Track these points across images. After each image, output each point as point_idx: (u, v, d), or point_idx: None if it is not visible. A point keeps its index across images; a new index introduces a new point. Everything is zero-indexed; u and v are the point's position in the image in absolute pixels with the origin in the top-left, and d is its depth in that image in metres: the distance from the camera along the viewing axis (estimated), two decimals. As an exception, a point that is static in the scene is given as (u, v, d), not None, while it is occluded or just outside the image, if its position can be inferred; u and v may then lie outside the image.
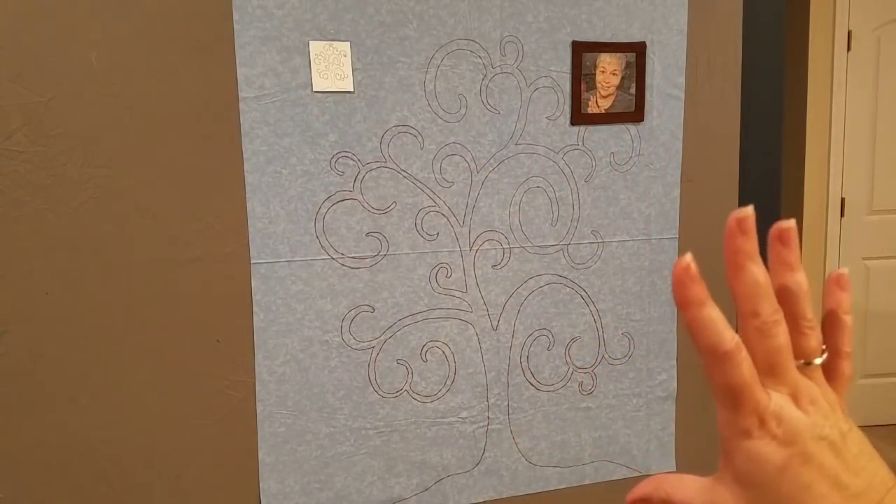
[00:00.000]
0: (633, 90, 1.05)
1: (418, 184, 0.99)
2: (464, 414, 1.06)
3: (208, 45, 0.89)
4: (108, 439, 0.91)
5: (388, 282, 0.99)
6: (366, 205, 0.97)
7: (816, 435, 0.26)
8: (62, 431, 0.90)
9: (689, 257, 0.27)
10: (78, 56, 0.84)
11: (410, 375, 1.02)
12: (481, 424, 1.07)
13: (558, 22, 1.01)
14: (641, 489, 0.30)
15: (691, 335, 0.27)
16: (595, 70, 1.03)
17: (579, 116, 1.03)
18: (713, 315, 0.26)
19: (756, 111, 1.13)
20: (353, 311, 0.98)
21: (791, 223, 0.28)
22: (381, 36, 0.94)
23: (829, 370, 0.29)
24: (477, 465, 1.07)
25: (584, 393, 1.11)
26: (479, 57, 0.98)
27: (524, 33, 1.00)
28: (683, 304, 0.26)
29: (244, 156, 0.91)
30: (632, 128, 1.07)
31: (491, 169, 1.01)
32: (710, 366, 0.26)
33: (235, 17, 0.89)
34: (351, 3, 0.92)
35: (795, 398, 0.26)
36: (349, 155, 0.95)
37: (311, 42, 0.91)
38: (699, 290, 0.26)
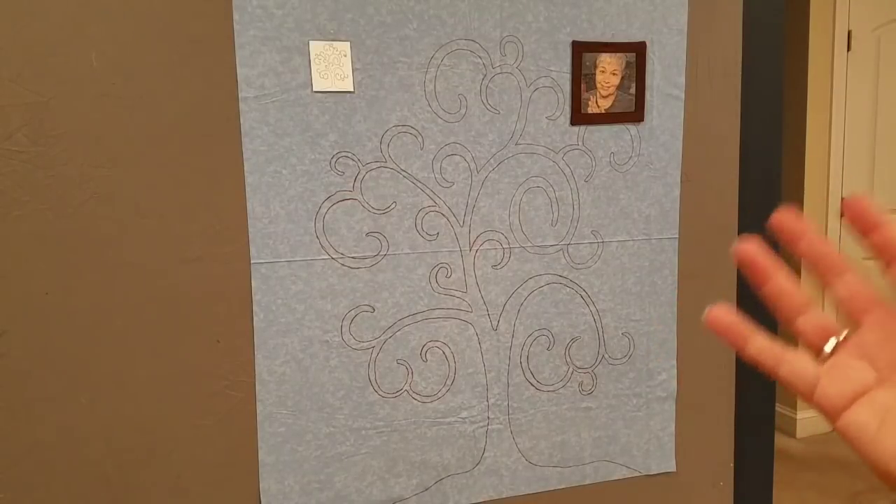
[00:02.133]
0: (633, 90, 1.05)
1: (418, 184, 0.99)
2: (464, 414, 1.06)
3: (208, 45, 0.89)
4: (108, 439, 0.91)
5: (388, 282, 0.99)
6: (366, 205, 0.97)
7: None
8: (62, 431, 0.90)
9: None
10: (78, 56, 0.84)
11: (410, 375, 1.02)
12: (481, 424, 1.07)
13: (558, 22, 1.01)
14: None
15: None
16: (595, 70, 1.03)
17: (579, 116, 1.03)
18: None
19: (756, 111, 1.13)
20: (353, 311, 0.98)
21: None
22: (381, 36, 0.94)
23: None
24: (477, 465, 1.07)
25: (584, 393, 1.11)
26: (479, 57, 0.98)
27: (524, 33, 1.00)
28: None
29: (244, 156, 0.91)
30: (632, 128, 1.07)
31: (491, 169, 1.01)
32: None
33: (235, 17, 0.89)
34: (351, 3, 0.92)
35: None
36: (349, 155, 0.95)
37: (311, 42, 0.91)
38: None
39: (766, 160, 1.14)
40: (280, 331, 0.96)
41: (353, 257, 0.98)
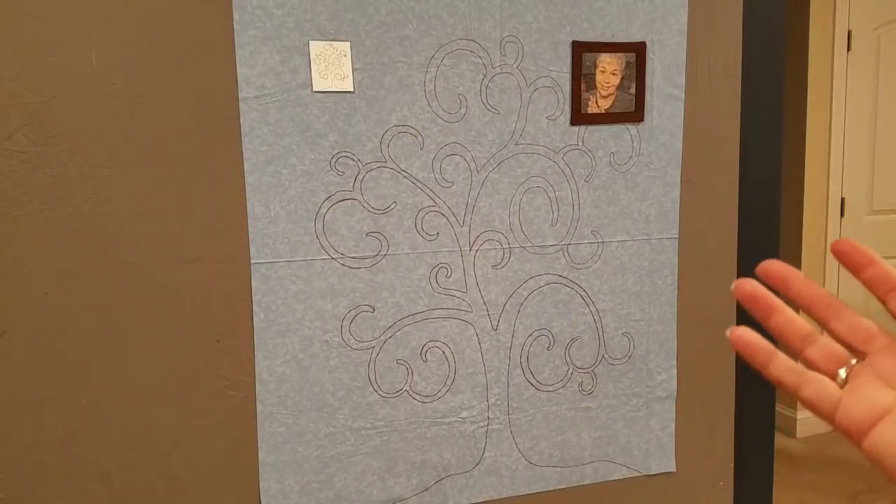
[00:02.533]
0: (633, 90, 1.05)
1: (418, 184, 0.99)
2: (464, 414, 1.06)
3: (208, 45, 0.89)
4: (108, 439, 0.91)
5: (388, 282, 0.99)
6: (366, 205, 0.97)
7: None
8: (62, 431, 0.90)
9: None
10: (78, 56, 0.84)
11: (410, 375, 1.02)
12: (481, 424, 1.07)
13: (558, 22, 1.01)
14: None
15: None
16: (595, 70, 1.03)
17: (579, 116, 1.03)
18: None
19: (756, 111, 1.13)
20: (353, 311, 0.98)
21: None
22: (381, 36, 0.94)
23: None
24: (477, 465, 1.07)
25: (584, 393, 1.11)
26: (479, 57, 0.98)
27: (524, 33, 1.00)
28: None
29: (244, 156, 0.91)
30: (632, 128, 1.07)
31: (491, 169, 1.01)
32: None
33: (235, 17, 0.89)
34: (351, 3, 0.92)
35: None
36: (349, 155, 0.95)
37: (311, 42, 0.92)
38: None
39: (766, 160, 1.14)
40: (280, 331, 0.96)
41: (353, 257, 0.98)
